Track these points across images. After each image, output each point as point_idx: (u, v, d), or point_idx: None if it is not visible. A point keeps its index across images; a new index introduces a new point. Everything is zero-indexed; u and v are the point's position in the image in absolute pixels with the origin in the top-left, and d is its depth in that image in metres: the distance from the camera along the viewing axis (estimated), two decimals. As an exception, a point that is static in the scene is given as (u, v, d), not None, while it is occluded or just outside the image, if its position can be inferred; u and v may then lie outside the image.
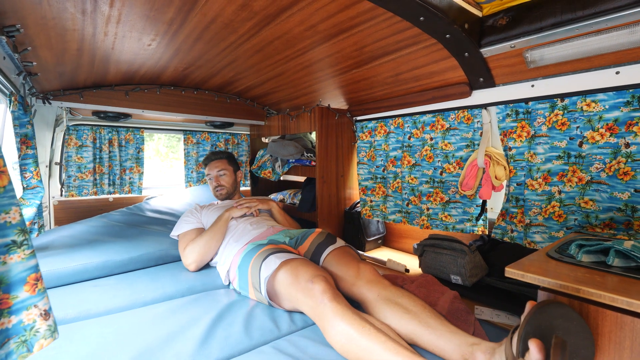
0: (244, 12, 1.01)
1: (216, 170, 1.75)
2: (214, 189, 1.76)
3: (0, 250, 0.48)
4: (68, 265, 1.24)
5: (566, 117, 1.09)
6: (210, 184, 1.77)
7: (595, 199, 1.04)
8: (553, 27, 0.94)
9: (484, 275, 1.32)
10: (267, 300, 1.08)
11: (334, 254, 1.22)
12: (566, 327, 0.57)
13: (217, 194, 1.76)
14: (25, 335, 0.50)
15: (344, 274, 1.12)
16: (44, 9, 0.90)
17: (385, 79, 1.50)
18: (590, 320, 0.59)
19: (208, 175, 1.77)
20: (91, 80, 1.65)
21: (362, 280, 1.07)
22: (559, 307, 0.59)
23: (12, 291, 0.49)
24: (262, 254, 1.13)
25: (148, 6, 0.95)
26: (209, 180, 1.77)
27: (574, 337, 0.57)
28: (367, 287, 1.04)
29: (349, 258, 1.18)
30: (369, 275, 1.08)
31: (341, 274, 1.13)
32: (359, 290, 1.06)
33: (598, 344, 0.59)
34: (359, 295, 1.06)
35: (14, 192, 0.49)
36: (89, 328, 0.93)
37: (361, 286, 1.06)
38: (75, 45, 1.18)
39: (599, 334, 0.59)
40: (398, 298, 0.96)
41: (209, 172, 1.76)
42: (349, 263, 1.15)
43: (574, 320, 0.58)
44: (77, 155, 1.95)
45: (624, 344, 0.56)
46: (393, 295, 0.98)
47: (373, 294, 1.01)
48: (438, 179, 1.52)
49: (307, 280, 0.96)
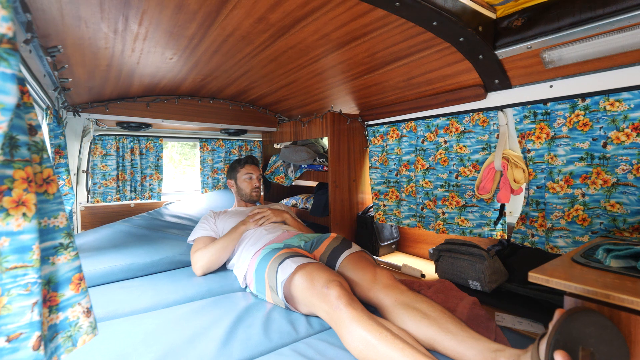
0: (260, 25, 1.04)
1: (258, 172, 1.82)
2: (253, 188, 1.79)
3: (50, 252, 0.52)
4: (97, 267, 1.30)
5: (588, 117, 1.06)
6: (249, 183, 1.79)
7: (622, 202, 1.00)
8: (572, 27, 0.93)
9: (504, 281, 1.28)
10: (284, 304, 1.09)
11: (350, 258, 1.22)
12: (599, 336, 0.55)
13: (253, 194, 1.80)
14: (70, 331, 0.54)
15: (360, 279, 1.12)
16: (82, 30, 0.97)
17: (397, 83, 1.51)
18: (622, 327, 0.57)
19: (249, 175, 1.79)
20: (116, 93, 1.75)
21: (378, 285, 1.07)
22: (591, 315, 0.56)
23: (59, 289, 0.53)
24: (279, 257, 1.14)
25: (172, 23, 1.00)
26: (248, 179, 1.79)
27: (607, 345, 0.54)
28: (384, 292, 1.04)
29: (365, 263, 1.18)
30: (385, 280, 1.08)
31: (357, 279, 1.13)
32: (376, 295, 1.05)
33: (632, 352, 0.56)
34: (375, 300, 1.06)
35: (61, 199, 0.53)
36: (117, 327, 0.97)
37: (378, 291, 1.06)
38: (105, 62, 1.26)
39: (632, 342, 0.56)
40: (416, 303, 0.95)
41: (252, 173, 1.80)
42: (365, 268, 1.15)
43: (607, 328, 0.55)
44: (102, 163, 2.05)
45: (659, 353, 0.53)
46: (411, 300, 0.97)
47: (390, 299, 1.01)
48: (453, 183, 1.50)
49: (322, 286, 0.96)
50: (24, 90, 0.46)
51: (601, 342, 0.55)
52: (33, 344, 0.44)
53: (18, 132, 0.44)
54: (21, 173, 0.43)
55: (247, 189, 1.78)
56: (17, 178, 0.43)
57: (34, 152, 0.48)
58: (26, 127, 0.46)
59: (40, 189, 0.50)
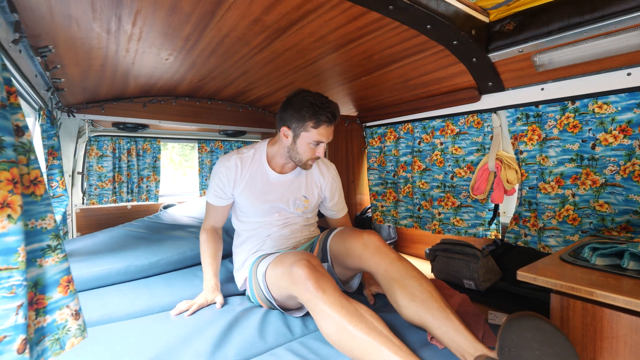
0: (256, 26, 1.06)
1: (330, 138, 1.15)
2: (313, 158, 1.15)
3: (37, 254, 0.52)
4: (92, 270, 1.30)
5: (577, 119, 1.09)
6: (311, 152, 1.13)
7: (610, 202, 1.03)
8: (561, 31, 0.95)
9: (497, 280, 1.30)
10: (273, 304, 1.07)
11: (337, 234, 1.14)
12: (541, 339, 0.56)
13: (309, 164, 1.17)
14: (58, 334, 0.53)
15: (350, 249, 1.05)
16: (74, 30, 0.98)
17: (394, 85, 1.53)
18: (605, 323, 0.59)
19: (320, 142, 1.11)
20: (112, 94, 1.75)
21: (368, 251, 1.01)
22: (528, 320, 0.57)
23: (47, 292, 0.53)
24: (259, 259, 1.11)
25: (167, 24, 1.01)
26: (315, 145, 1.12)
27: (551, 347, 0.55)
28: (375, 261, 0.99)
29: (352, 231, 1.09)
30: (375, 243, 1.01)
31: (347, 250, 1.06)
32: (367, 264, 1.01)
33: (614, 348, 0.58)
34: (368, 268, 1.02)
35: (49, 200, 0.53)
36: (111, 331, 0.97)
37: (368, 258, 1.01)
38: (99, 62, 1.26)
39: (615, 338, 0.58)
40: (405, 279, 0.93)
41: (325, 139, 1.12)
42: (352, 236, 1.07)
43: (548, 331, 0.56)
44: (97, 164, 2.05)
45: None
46: (400, 275, 0.94)
47: (381, 269, 0.98)
48: (449, 184, 1.52)
49: (289, 267, 0.91)
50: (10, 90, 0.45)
51: (545, 345, 0.56)
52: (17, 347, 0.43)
53: (4, 133, 0.43)
54: (6, 174, 0.43)
55: (306, 155, 1.14)
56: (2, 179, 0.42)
57: (20, 154, 0.48)
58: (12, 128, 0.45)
59: (27, 190, 0.50)
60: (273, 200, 1.19)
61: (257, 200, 1.18)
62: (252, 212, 1.20)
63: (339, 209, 1.36)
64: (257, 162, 1.20)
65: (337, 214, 1.37)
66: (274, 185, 1.19)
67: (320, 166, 1.30)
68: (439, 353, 0.84)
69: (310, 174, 1.27)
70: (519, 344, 0.57)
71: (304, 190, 1.24)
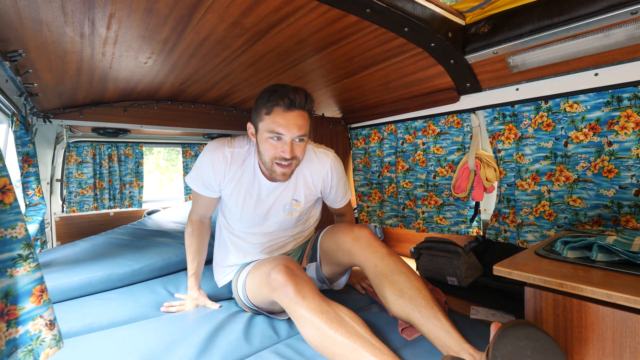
0: (235, 29, 1.05)
1: (297, 130, 0.93)
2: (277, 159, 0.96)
3: (8, 264, 0.50)
4: (72, 279, 1.26)
5: (551, 118, 1.13)
6: (273, 148, 0.95)
7: (583, 197, 1.07)
8: (532, 33, 0.99)
9: (479, 276, 1.33)
10: (258, 311, 1.08)
11: (328, 230, 1.13)
12: (533, 347, 0.58)
13: (276, 169, 0.97)
14: (31, 345, 0.52)
15: (341, 243, 1.04)
16: (45, 34, 0.95)
17: (376, 87, 1.55)
18: (574, 313, 0.61)
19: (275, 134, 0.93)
20: (90, 98, 1.70)
21: (358, 245, 1.00)
22: (522, 328, 0.59)
23: (19, 302, 0.51)
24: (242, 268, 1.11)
25: (143, 27, 0.99)
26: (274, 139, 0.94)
27: (543, 355, 0.57)
28: (365, 255, 0.98)
29: (343, 225, 1.09)
30: (365, 237, 1.00)
31: (338, 244, 1.05)
32: (357, 258, 1.01)
33: (583, 336, 0.60)
34: (357, 262, 1.01)
35: (19, 209, 0.52)
36: (93, 341, 0.95)
37: (358, 252, 1.00)
38: (74, 66, 1.23)
39: (583, 327, 0.60)
40: (394, 275, 0.93)
41: (283, 132, 0.93)
42: (343, 230, 1.06)
43: (540, 339, 0.58)
44: (77, 171, 1.98)
45: (606, 335, 0.58)
46: (390, 270, 0.94)
47: (370, 263, 0.97)
48: (432, 183, 1.55)
49: (267, 274, 0.90)
50: None
51: (537, 352, 0.57)
52: (-12, 360, 0.42)
53: None
54: (-27, 183, 0.42)
55: (268, 154, 0.96)
56: (-31, 188, 0.41)
57: (-13, 162, 0.47)
58: None
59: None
60: (263, 212, 1.10)
61: (246, 210, 1.09)
62: (239, 220, 1.14)
63: (338, 198, 1.27)
64: (249, 165, 1.07)
65: (336, 203, 1.29)
66: (264, 193, 1.08)
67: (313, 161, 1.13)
68: (421, 351, 0.85)
69: (303, 174, 1.12)
70: (512, 353, 0.58)
71: (294, 193, 1.13)
